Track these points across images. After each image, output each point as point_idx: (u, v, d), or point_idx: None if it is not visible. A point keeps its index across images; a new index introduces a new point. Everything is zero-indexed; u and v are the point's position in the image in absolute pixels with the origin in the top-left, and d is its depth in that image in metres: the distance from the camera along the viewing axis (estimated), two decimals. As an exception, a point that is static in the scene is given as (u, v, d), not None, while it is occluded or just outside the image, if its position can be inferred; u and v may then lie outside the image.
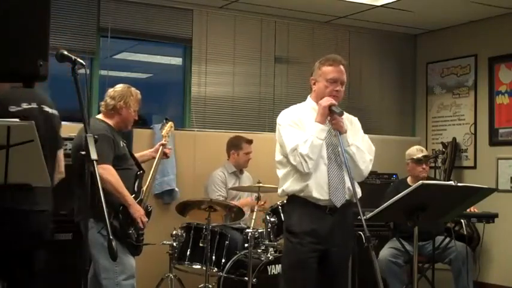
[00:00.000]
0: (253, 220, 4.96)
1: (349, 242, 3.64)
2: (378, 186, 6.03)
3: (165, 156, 4.55)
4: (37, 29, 1.88)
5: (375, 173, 6.08)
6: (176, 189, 5.74)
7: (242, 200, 5.45)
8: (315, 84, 3.56)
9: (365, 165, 3.50)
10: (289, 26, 6.80)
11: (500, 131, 6.53)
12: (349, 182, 3.42)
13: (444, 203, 3.29)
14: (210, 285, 4.77)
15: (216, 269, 4.88)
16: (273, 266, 4.87)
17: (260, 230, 4.89)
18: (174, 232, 4.93)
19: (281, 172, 3.52)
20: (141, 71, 7.42)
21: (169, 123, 4.73)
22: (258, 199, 4.99)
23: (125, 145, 4.07)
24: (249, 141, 5.56)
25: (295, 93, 6.37)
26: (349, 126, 3.56)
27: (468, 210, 4.96)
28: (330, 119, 3.42)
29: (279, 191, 3.57)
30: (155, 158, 4.48)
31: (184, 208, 4.88)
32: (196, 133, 6.06)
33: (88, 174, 2.54)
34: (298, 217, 3.44)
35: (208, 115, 6.39)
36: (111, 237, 2.34)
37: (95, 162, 2.47)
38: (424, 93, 7.39)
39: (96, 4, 5.86)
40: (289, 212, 3.56)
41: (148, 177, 4.29)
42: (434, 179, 5.82)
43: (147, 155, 4.54)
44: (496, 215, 5.15)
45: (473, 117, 6.79)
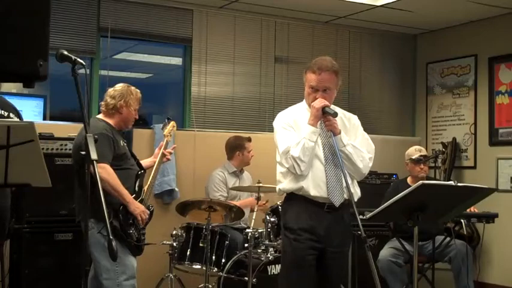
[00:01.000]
0: (253, 220, 4.96)
1: (347, 242, 3.63)
2: (378, 186, 6.03)
3: (165, 159, 4.50)
4: (37, 29, 1.87)
5: (375, 173, 6.08)
6: (176, 189, 5.74)
7: (243, 200, 5.45)
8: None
9: (364, 163, 3.48)
10: (289, 26, 6.80)
11: (500, 131, 6.53)
12: (348, 181, 3.42)
13: (444, 203, 3.28)
14: (210, 285, 4.77)
15: (216, 269, 4.88)
16: (273, 266, 4.87)
17: (260, 230, 4.89)
18: (174, 232, 4.93)
19: (280, 170, 3.53)
20: (141, 71, 7.43)
21: (172, 123, 4.72)
22: (258, 199, 4.99)
23: (125, 144, 4.07)
24: (249, 139, 5.59)
25: (295, 93, 6.36)
26: (347, 124, 3.56)
27: (468, 210, 4.96)
28: (323, 120, 3.42)
29: (277, 189, 3.58)
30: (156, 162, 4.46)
31: (184, 208, 4.88)
32: (196, 133, 6.06)
33: (88, 174, 2.55)
34: (296, 213, 3.44)
35: (208, 115, 6.39)
36: (112, 237, 2.35)
37: (95, 162, 2.47)
38: (424, 93, 7.39)
39: (96, 4, 5.86)
40: (287, 209, 3.56)
41: (150, 177, 4.28)
42: (434, 179, 5.81)
43: (149, 161, 4.47)
44: (496, 215, 5.14)
45: (473, 117, 6.80)
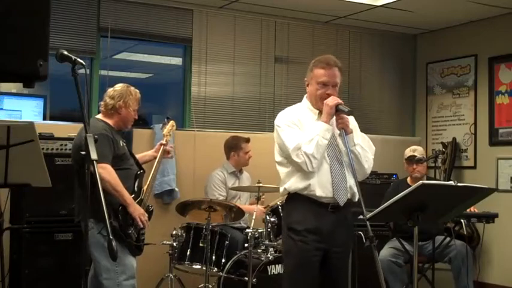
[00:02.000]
0: (253, 220, 4.96)
1: (350, 242, 3.63)
2: (378, 186, 6.03)
3: (167, 155, 4.53)
4: (37, 29, 1.87)
5: (375, 173, 6.08)
6: (176, 189, 5.74)
7: (243, 206, 5.42)
8: (308, 86, 3.55)
9: (368, 164, 3.50)
10: (289, 26, 6.80)
11: (500, 131, 6.53)
12: (350, 181, 3.42)
13: (444, 203, 3.28)
14: (210, 285, 4.77)
15: (216, 269, 4.88)
16: (273, 266, 4.87)
17: (260, 230, 4.89)
18: (174, 232, 4.93)
19: (283, 171, 3.49)
20: (141, 71, 7.43)
21: (171, 123, 4.72)
22: (258, 199, 4.98)
23: (124, 145, 4.07)
24: (247, 140, 5.57)
25: (295, 93, 6.36)
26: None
27: (468, 210, 4.96)
28: (336, 118, 3.40)
29: (281, 189, 3.54)
30: (156, 158, 4.47)
31: (184, 208, 4.88)
32: (196, 133, 6.06)
33: (88, 174, 2.55)
34: (302, 214, 3.41)
35: (208, 115, 6.39)
36: (111, 237, 2.35)
37: (95, 162, 2.47)
38: (424, 93, 7.39)
39: (96, 4, 5.86)
40: (290, 210, 3.52)
41: (149, 177, 4.28)
42: (434, 179, 5.81)
43: (149, 155, 4.53)
44: (496, 215, 5.14)
45: (473, 117, 6.79)
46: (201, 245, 4.83)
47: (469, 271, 5.14)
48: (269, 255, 4.84)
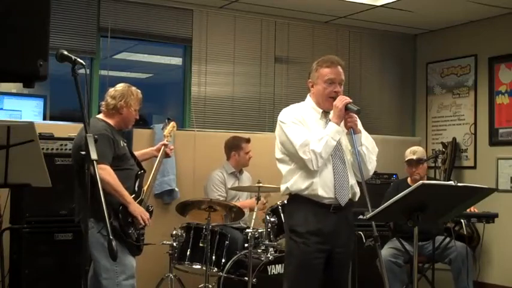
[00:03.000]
0: (253, 220, 4.96)
1: (351, 242, 3.63)
2: (378, 186, 6.03)
3: (167, 155, 4.54)
4: (37, 29, 1.87)
5: (375, 173, 6.02)
6: (176, 189, 5.74)
7: (243, 202, 5.44)
8: (313, 86, 3.54)
9: (372, 165, 3.50)
10: (289, 26, 6.80)
11: (500, 131, 6.53)
12: (352, 181, 3.42)
13: (444, 203, 3.28)
14: (210, 285, 4.77)
15: (216, 269, 4.87)
16: (273, 266, 4.87)
17: (260, 230, 4.89)
18: (174, 232, 4.93)
19: (285, 169, 3.47)
20: (141, 71, 7.43)
21: (172, 123, 4.72)
22: (258, 199, 4.98)
23: (125, 145, 4.07)
24: (248, 140, 5.57)
25: (295, 93, 6.37)
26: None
27: (468, 210, 4.95)
28: (345, 118, 3.39)
29: (282, 188, 3.51)
30: (156, 157, 4.47)
31: (184, 208, 4.88)
32: (196, 133, 6.06)
33: (88, 174, 2.55)
34: (304, 216, 3.40)
35: (208, 115, 6.39)
36: (111, 237, 2.34)
37: (95, 162, 2.47)
38: (424, 93, 7.39)
39: (96, 4, 5.86)
40: (292, 211, 3.51)
41: (150, 177, 4.28)
42: (434, 179, 5.81)
43: (149, 153, 4.52)
44: (496, 215, 5.14)
45: (473, 117, 6.79)
46: (201, 245, 4.83)
47: (469, 272, 5.14)
48: (269, 255, 4.83)
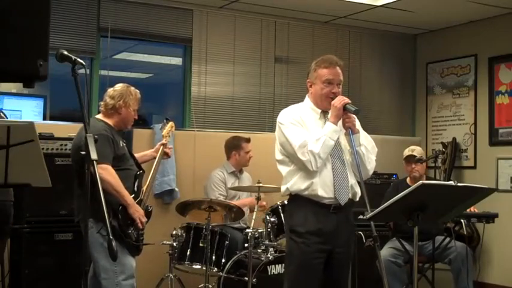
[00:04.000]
0: (253, 220, 4.96)
1: (351, 242, 3.63)
2: (378, 186, 6.03)
3: (165, 156, 4.54)
4: (37, 29, 1.88)
5: (375, 173, 6.05)
6: (176, 189, 5.74)
7: (242, 200, 5.44)
8: (311, 86, 3.54)
9: (371, 165, 3.51)
10: (289, 26, 6.80)
11: (500, 131, 6.53)
12: (352, 181, 3.42)
13: (444, 203, 3.28)
14: (210, 285, 4.77)
15: (216, 269, 4.88)
16: (273, 266, 4.87)
17: (260, 230, 4.89)
18: (174, 232, 4.93)
19: (285, 170, 3.47)
20: (141, 71, 7.43)
21: (170, 123, 4.72)
22: (258, 199, 4.98)
23: (124, 145, 4.07)
24: (248, 140, 5.57)
25: (295, 93, 6.37)
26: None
27: (468, 210, 4.95)
28: (343, 118, 3.39)
29: (283, 189, 3.52)
30: (156, 158, 4.47)
31: (184, 208, 4.89)
32: (196, 133, 6.06)
33: (88, 174, 2.54)
34: (304, 216, 3.40)
35: (208, 115, 6.39)
36: (111, 237, 2.34)
37: (94, 162, 2.47)
38: (424, 93, 7.39)
39: (96, 4, 5.86)
40: (292, 212, 3.51)
41: (149, 177, 4.28)
42: (434, 179, 5.81)
43: (148, 155, 4.53)
44: (496, 215, 5.14)
45: (473, 117, 6.79)
46: (201, 245, 4.83)
47: (469, 272, 5.14)
48: (269, 255, 4.84)
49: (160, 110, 7.21)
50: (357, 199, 3.48)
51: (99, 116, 4.08)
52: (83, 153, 2.51)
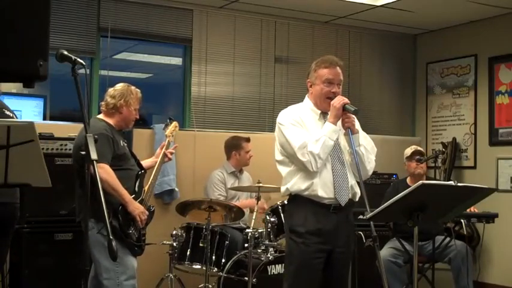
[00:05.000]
0: (253, 220, 4.96)
1: (351, 242, 3.63)
2: (378, 186, 6.03)
3: (167, 158, 4.51)
4: (37, 29, 1.87)
5: (375, 173, 6.07)
6: (176, 189, 5.74)
7: (243, 201, 5.44)
8: (311, 86, 3.55)
9: (370, 165, 3.51)
10: (289, 26, 6.80)
11: (500, 131, 6.53)
12: (351, 181, 3.42)
13: (444, 203, 3.28)
14: (210, 285, 4.77)
15: (216, 269, 4.88)
16: (273, 266, 4.87)
17: (260, 230, 4.89)
18: (174, 232, 4.93)
19: (285, 170, 3.47)
20: (141, 71, 7.42)
21: (174, 123, 4.70)
22: (258, 199, 4.98)
23: (125, 145, 4.06)
24: (248, 140, 5.58)
25: (295, 93, 6.37)
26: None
27: (468, 210, 4.96)
28: (342, 118, 3.39)
29: (283, 190, 3.52)
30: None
31: (184, 208, 4.89)
32: (196, 133, 6.06)
33: (88, 174, 2.54)
34: (304, 217, 3.40)
35: (208, 115, 6.39)
36: (111, 237, 2.34)
37: (95, 162, 2.47)
38: (424, 93, 7.39)
39: (96, 4, 5.86)
40: (292, 212, 3.51)
41: (150, 177, 4.27)
42: (434, 179, 5.81)
43: (150, 161, 4.47)
44: (496, 215, 5.15)
45: (473, 117, 6.80)
46: (201, 245, 4.83)
47: (469, 271, 5.14)
48: (269, 255, 4.84)
49: (160, 110, 7.20)
50: (356, 199, 3.48)
51: (100, 116, 4.08)
52: (83, 153, 2.51)
